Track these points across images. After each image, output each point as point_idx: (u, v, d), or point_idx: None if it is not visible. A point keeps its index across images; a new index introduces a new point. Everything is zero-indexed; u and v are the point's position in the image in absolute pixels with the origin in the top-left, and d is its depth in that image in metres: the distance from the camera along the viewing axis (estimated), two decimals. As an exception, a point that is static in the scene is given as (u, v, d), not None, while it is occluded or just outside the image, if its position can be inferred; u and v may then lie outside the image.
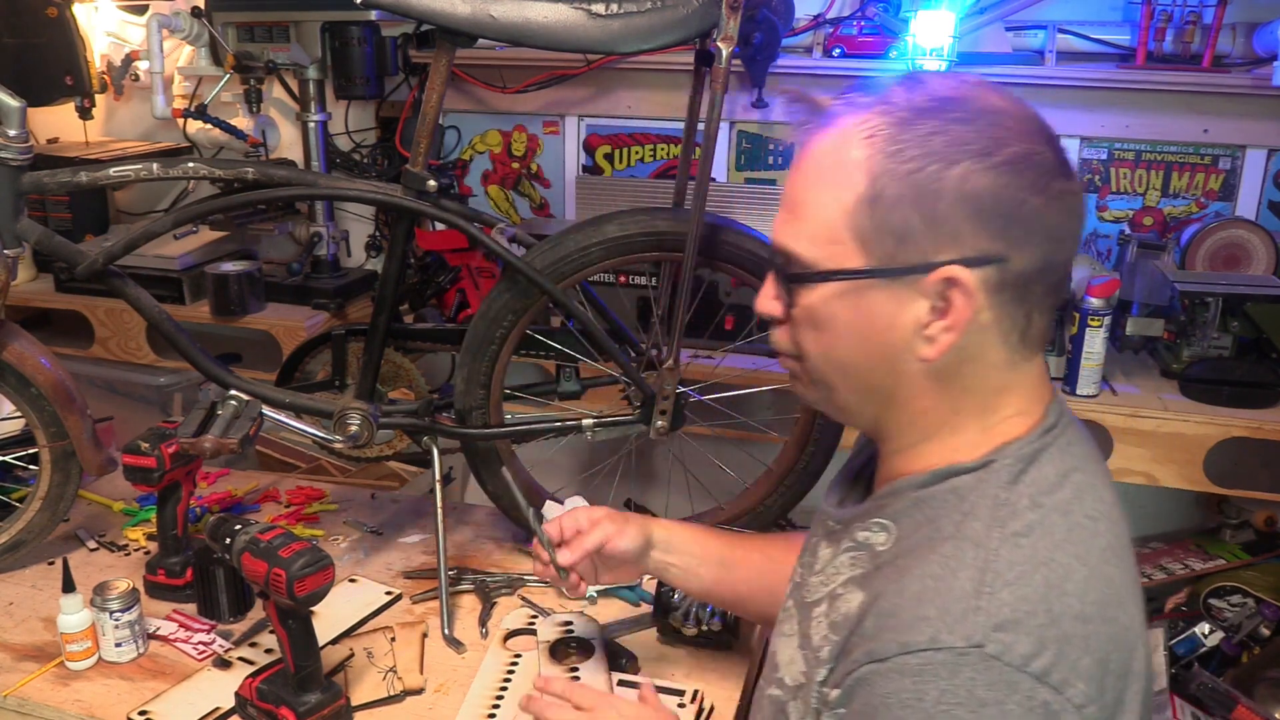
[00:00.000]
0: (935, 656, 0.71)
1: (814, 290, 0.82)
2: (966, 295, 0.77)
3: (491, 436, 1.57)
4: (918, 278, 0.78)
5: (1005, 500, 0.78)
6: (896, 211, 0.77)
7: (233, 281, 2.44)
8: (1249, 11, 2.13)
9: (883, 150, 0.77)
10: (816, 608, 0.87)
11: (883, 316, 0.80)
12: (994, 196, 0.75)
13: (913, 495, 0.84)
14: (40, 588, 1.55)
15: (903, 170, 0.76)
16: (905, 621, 0.74)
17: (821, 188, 0.80)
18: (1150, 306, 2.12)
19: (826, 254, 0.81)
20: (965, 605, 0.73)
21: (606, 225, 1.46)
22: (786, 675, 0.89)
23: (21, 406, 1.54)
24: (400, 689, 1.32)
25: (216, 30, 2.50)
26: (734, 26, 1.30)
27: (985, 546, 0.76)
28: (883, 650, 0.74)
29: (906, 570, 0.78)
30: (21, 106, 1.37)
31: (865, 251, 0.79)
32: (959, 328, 0.79)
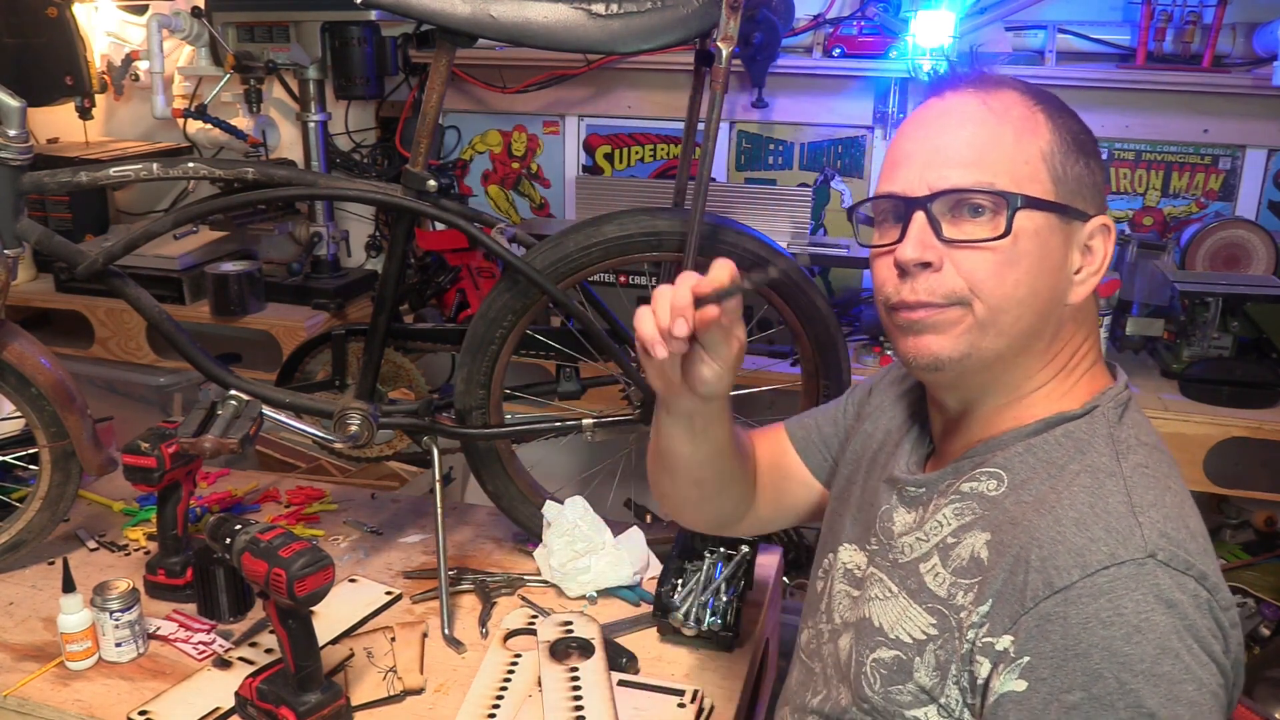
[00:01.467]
0: (1120, 571, 0.77)
1: (1028, 217, 0.87)
2: (1111, 238, 0.90)
3: (491, 436, 1.56)
4: (1081, 224, 0.89)
5: (1119, 438, 0.87)
6: (1074, 162, 0.88)
7: (233, 281, 2.44)
8: (1249, 11, 2.13)
9: (1051, 114, 0.89)
10: (924, 563, 0.91)
11: (1058, 255, 0.88)
12: (1102, 165, 0.92)
13: (1022, 444, 0.89)
14: (40, 588, 1.55)
15: (1075, 131, 0.90)
16: (1077, 545, 0.79)
17: (1016, 135, 0.88)
18: (1150, 306, 2.12)
19: (1029, 189, 0.87)
20: (1128, 523, 0.79)
21: (606, 225, 1.46)
22: (902, 633, 0.90)
23: (21, 406, 1.54)
24: (400, 689, 1.32)
25: (216, 30, 2.50)
26: (734, 26, 1.30)
27: (1120, 475, 0.83)
28: (1063, 579, 0.78)
29: (1049, 503, 0.83)
30: (21, 106, 1.37)
31: (1056, 192, 0.88)
32: (1103, 271, 0.90)
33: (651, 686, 1.33)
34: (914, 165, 0.90)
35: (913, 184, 0.89)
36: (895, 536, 0.96)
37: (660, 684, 1.33)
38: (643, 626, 1.47)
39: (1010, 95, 0.90)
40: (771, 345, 2.20)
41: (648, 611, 1.47)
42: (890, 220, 0.92)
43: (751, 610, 1.48)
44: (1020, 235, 0.86)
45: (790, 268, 1.47)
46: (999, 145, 0.88)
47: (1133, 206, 2.37)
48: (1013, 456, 0.89)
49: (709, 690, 1.33)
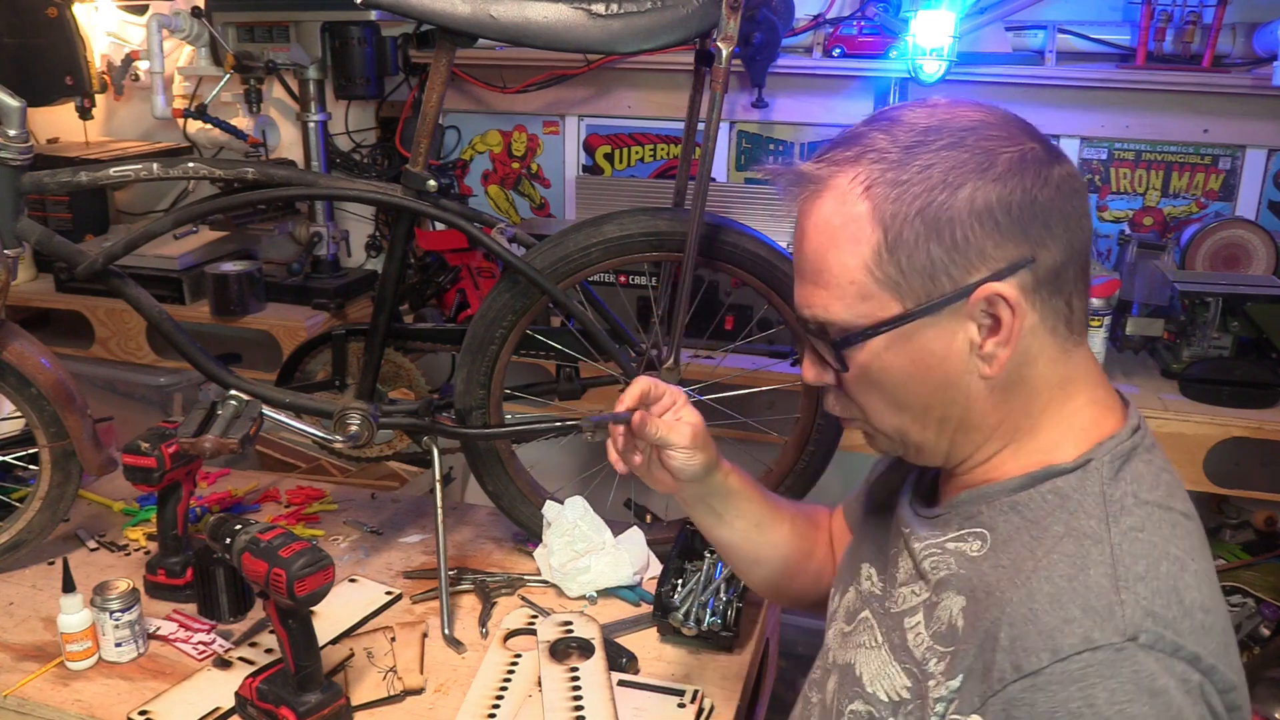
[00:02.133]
0: (1094, 657, 0.70)
1: (862, 349, 0.83)
2: (1010, 305, 0.79)
3: (491, 436, 1.56)
4: (959, 304, 0.80)
5: (1112, 497, 0.78)
6: (918, 250, 0.79)
7: (233, 281, 2.44)
8: (1249, 11, 2.13)
9: (885, 196, 0.79)
10: (909, 618, 0.86)
11: (936, 351, 0.82)
12: (1004, 205, 0.77)
13: (1007, 500, 0.83)
14: (40, 588, 1.55)
15: (911, 210, 0.78)
16: (1049, 627, 0.72)
17: (838, 250, 0.81)
18: (1150, 306, 2.12)
19: (863, 311, 0.82)
20: (1108, 600, 0.72)
21: (606, 225, 1.46)
22: (879, 690, 0.86)
23: (21, 406, 1.54)
24: (400, 689, 1.32)
25: (216, 30, 2.50)
26: (734, 26, 1.30)
27: (1107, 542, 0.75)
28: (1032, 663, 0.71)
29: (1027, 574, 0.76)
30: (21, 106, 1.37)
31: (899, 297, 0.80)
32: (1014, 338, 0.80)
33: (651, 686, 1.33)
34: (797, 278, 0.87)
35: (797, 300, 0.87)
36: (897, 585, 0.91)
37: (660, 684, 1.33)
38: (643, 626, 1.47)
39: (839, 191, 0.81)
40: (771, 345, 2.20)
41: (648, 611, 1.48)
42: None
43: (751, 610, 1.48)
44: (867, 363, 0.83)
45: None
46: (836, 266, 0.82)
47: (1133, 206, 2.37)
48: (997, 514, 0.83)
49: (709, 690, 1.33)
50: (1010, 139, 0.79)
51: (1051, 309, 0.81)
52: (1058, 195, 0.79)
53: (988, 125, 0.80)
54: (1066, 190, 0.80)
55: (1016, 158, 0.78)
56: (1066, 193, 0.80)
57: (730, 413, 1.68)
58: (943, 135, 0.79)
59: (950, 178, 0.78)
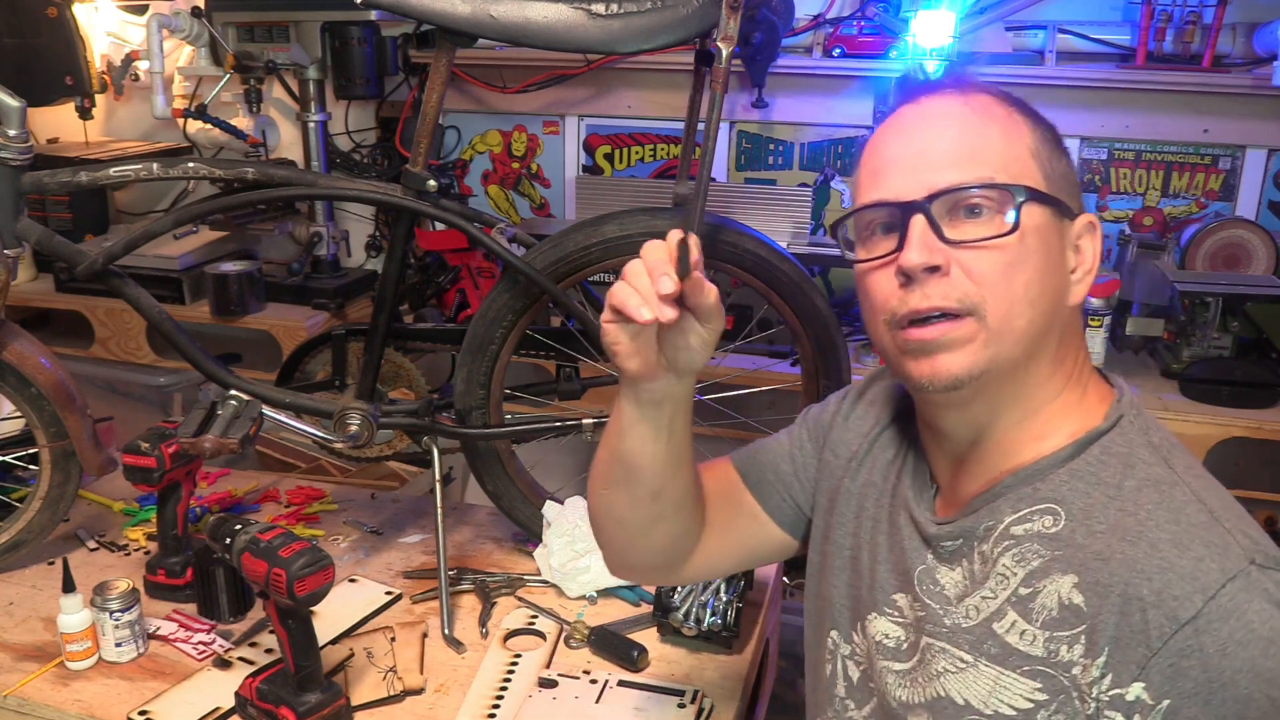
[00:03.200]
0: (1234, 585, 0.73)
1: (1034, 213, 0.83)
2: (1095, 239, 0.87)
3: (491, 436, 1.56)
4: (1069, 223, 0.86)
5: (1156, 444, 0.83)
6: (1058, 160, 0.86)
7: (233, 281, 2.44)
8: (1249, 11, 2.13)
9: (1030, 118, 0.87)
10: (997, 622, 0.82)
11: (1058, 253, 0.85)
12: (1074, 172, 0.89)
13: (1063, 471, 0.83)
14: (40, 588, 1.55)
15: (1048, 131, 0.87)
16: (1187, 570, 0.74)
17: (1003, 133, 0.85)
18: (1150, 306, 2.12)
19: (1027, 183, 0.84)
20: (1218, 532, 0.76)
21: (606, 225, 1.46)
22: (1001, 705, 0.81)
23: (21, 406, 1.54)
24: (400, 689, 1.32)
25: (216, 30, 2.50)
26: (734, 26, 1.29)
27: (1182, 483, 0.80)
28: (1187, 609, 0.73)
29: (1131, 529, 0.78)
30: (21, 106, 1.37)
31: (1049, 187, 0.85)
32: (1094, 270, 0.87)
33: (651, 687, 1.33)
34: (902, 169, 0.84)
35: (905, 188, 0.83)
36: (952, 601, 0.86)
37: (660, 684, 1.33)
38: (643, 626, 1.47)
39: (986, 97, 0.87)
40: (771, 345, 2.20)
41: (648, 611, 1.47)
42: (879, 232, 0.86)
43: (751, 610, 1.48)
44: (1026, 232, 0.81)
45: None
46: (989, 142, 0.84)
47: (1133, 206, 2.37)
48: (1059, 485, 0.82)
49: (709, 690, 1.33)
50: None
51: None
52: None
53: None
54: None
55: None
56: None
57: (730, 413, 1.68)
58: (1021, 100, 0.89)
59: (1055, 133, 0.88)
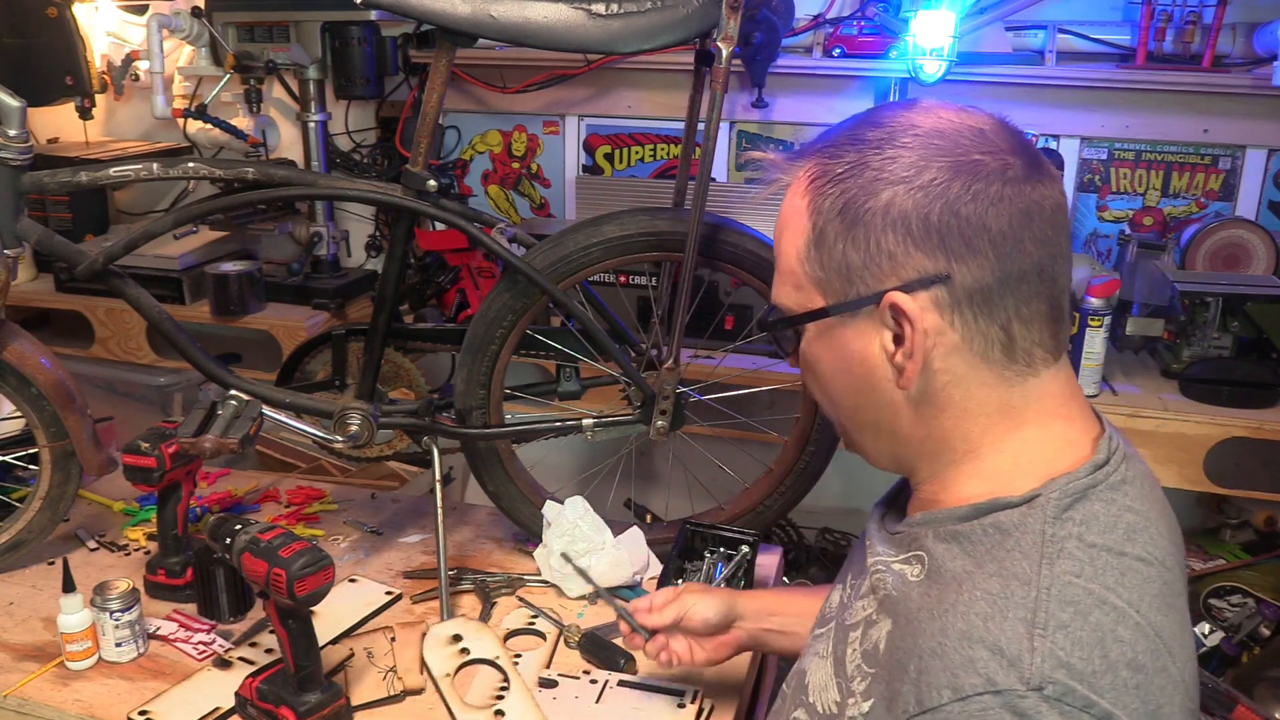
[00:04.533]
0: (994, 700, 0.67)
1: (800, 336, 0.86)
2: (912, 319, 0.77)
3: (491, 436, 1.56)
4: (872, 309, 0.79)
5: (1052, 537, 0.74)
6: (837, 248, 0.79)
7: (233, 281, 2.44)
8: (1249, 11, 2.13)
9: (820, 191, 0.79)
10: (853, 632, 0.85)
11: (855, 351, 0.82)
12: (922, 216, 0.75)
13: (951, 529, 0.80)
14: (40, 588, 1.55)
15: (835, 208, 0.78)
16: (955, 664, 0.70)
17: (784, 238, 0.84)
18: (1150, 306, 2.12)
19: (797, 300, 0.84)
20: (1020, 646, 0.69)
21: (606, 225, 1.46)
22: (818, 701, 0.86)
23: (21, 406, 1.54)
24: (400, 689, 1.32)
25: (216, 30, 2.50)
26: (734, 26, 1.30)
27: (1036, 585, 0.72)
28: (933, 698, 0.69)
29: (947, 608, 0.73)
30: (21, 106, 1.37)
31: (822, 292, 0.81)
32: (918, 352, 0.78)
33: (651, 686, 1.33)
34: None
35: None
36: (855, 598, 0.90)
37: (660, 684, 1.33)
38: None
39: (796, 181, 0.83)
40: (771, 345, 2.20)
41: (648, 611, 1.47)
42: None
43: (751, 610, 1.48)
44: (805, 350, 0.86)
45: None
46: (782, 254, 0.85)
47: (1133, 206, 2.37)
48: (938, 541, 0.80)
49: (709, 690, 1.33)
50: (959, 150, 0.76)
51: (979, 332, 0.77)
52: (993, 215, 0.74)
53: (942, 133, 0.77)
54: (1014, 212, 0.75)
55: (951, 167, 0.75)
56: (1012, 215, 0.75)
57: (730, 413, 1.68)
58: (896, 136, 0.77)
59: (871, 184, 0.77)
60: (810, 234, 0.80)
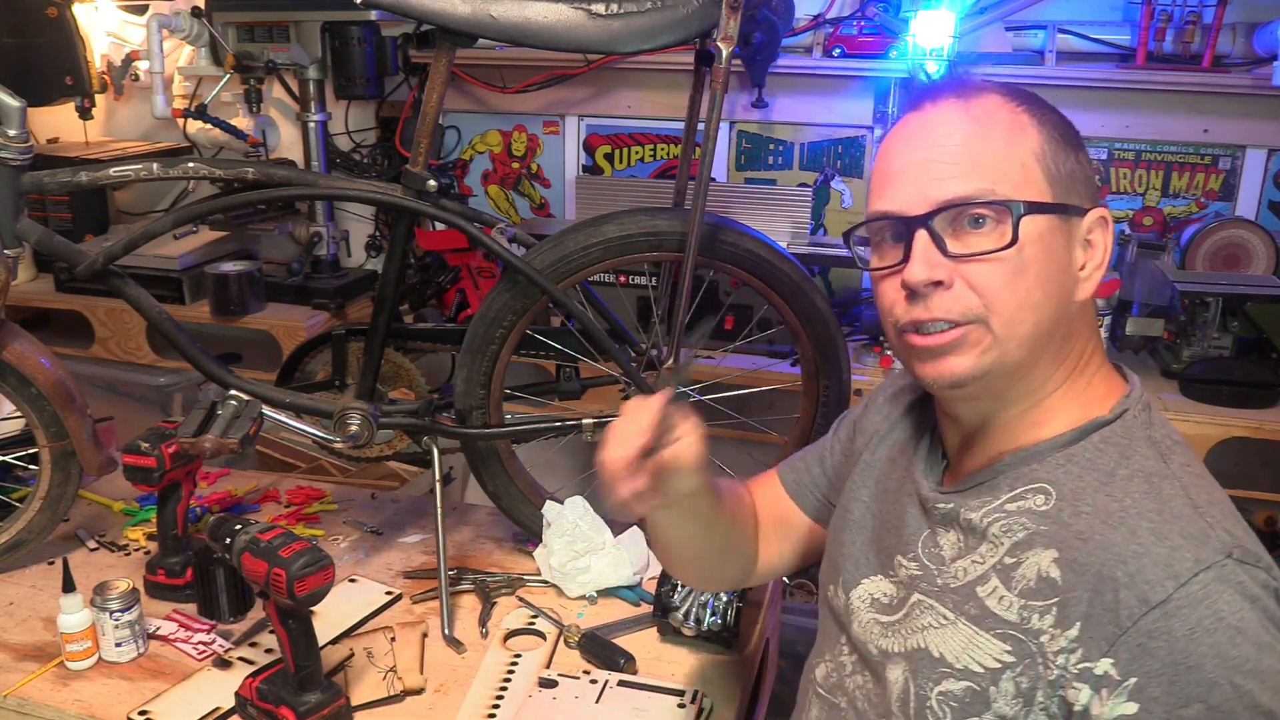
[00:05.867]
0: (1208, 575, 0.76)
1: (1033, 225, 0.85)
2: (1107, 233, 0.88)
3: (491, 436, 1.56)
4: (1079, 220, 0.88)
5: (1156, 439, 0.86)
6: (1064, 158, 0.87)
7: (233, 281, 2.44)
8: (1249, 11, 2.13)
9: (1037, 117, 0.88)
10: (981, 586, 0.87)
11: (1063, 255, 0.87)
12: (1090, 163, 0.90)
13: (1061, 454, 0.87)
14: (40, 588, 1.55)
15: (1056, 134, 0.88)
16: (1162, 557, 0.77)
17: (1004, 141, 0.86)
18: (1150, 306, 2.12)
19: (1031, 194, 0.86)
20: (1199, 525, 0.79)
21: (606, 225, 1.46)
22: (971, 662, 0.85)
23: (21, 406, 1.54)
24: (400, 689, 1.32)
25: (216, 30, 2.50)
26: (734, 26, 1.30)
27: (1172, 476, 0.83)
28: (1158, 592, 0.76)
29: (1115, 515, 0.81)
30: (21, 106, 1.37)
31: (1053, 192, 0.86)
32: (1105, 264, 0.89)
33: (651, 686, 1.33)
34: (906, 181, 0.87)
35: (909, 201, 0.86)
36: (947, 561, 0.91)
37: (660, 684, 1.33)
38: (643, 626, 1.47)
39: (991, 99, 0.88)
40: (771, 345, 2.20)
41: (648, 611, 1.47)
42: (889, 240, 0.90)
43: (751, 610, 1.48)
44: (1026, 242, 0.84)
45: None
46: (991, 151, 0.85)
47: (1133, 206, 2.37)
48: (1054, 467, 0.87)
49: (709, 690, 1.33)
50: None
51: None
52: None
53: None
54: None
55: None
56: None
57: (730, 413, 1.68)
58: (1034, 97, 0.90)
59: (1067, 127, 0.89)
60: (1040, 143, 0.86)
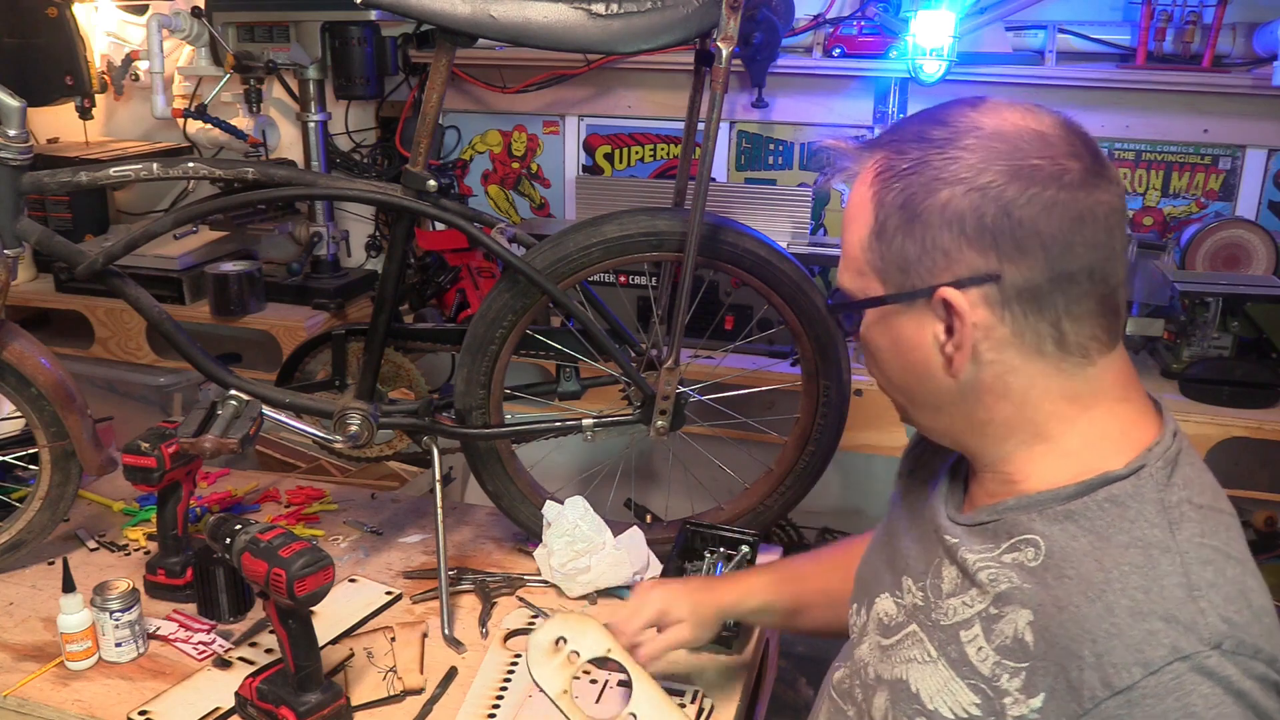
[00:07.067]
0: (1183, 666, 0.70)
1: (860, 320, 0.89)
2: (961, 315, 0.80)
3: (491, 436, 1.56)
4: (925, 300, 0.82)
5: (1170, 503, 0.78)
6: (896, 241, 0.82)
7: (233, 281, 2.44)
8: (1249, 11, 2.13)
9: (885, 184, 0.83)
10: (964, 630, 0.84)
11: (909, 339, 0.85)
12: (977, 216, 0.78)
13: (1061, 509, 0.81)
14: (40, 588, 1.55)
15: (897, 202, 0.82)
16: (1134, 640, 0.72)
17: (850, 227, 0.87)
18: (1150, 306, 2.12)
19: (858, 286, 0.87)
20: (1189, 610, 0.72)
21: (606, 225, 1.46)
22: (942, 707, 0.84)
23: (21, 406, 1.54)
24: (400, 689, 1.32)
25: (216, 30, 2.50)
26: (734, 26, 1.30)
27: (1176, 551, 0.75)
28: (1123, 678, 0.71)
29: (1100, 587, 0.75)
30: (21, 106, 1.37)
31: (882, 281, 0.84)
32: (965, 345, 0.81)
33: (651, 686, 1.33)
34: None
35: None
36: (943, 596, 0.88)
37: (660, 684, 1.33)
38: (643, 626, 1.47)
39: (864, 173, 0.86)
40: (771, 345, 2.20)
41: (648, 611, 1.47)
42: None
43: (751, 610, 1.48)
44: (865, 330, 0.89)
45: None
46: (846, 241, 0.88)
47: (1133, 206, 2.37)
48: (1051, 522, 0.81)
49: (709, 690, 1.33)
50: (1018, 153, 0.78)
51: (1030, 327, 0.80)
52: (1045, 219, 0.76)
53: (1003, 136, 0.79)
54: (1067, 217, 0.77)
55: (1009, 170, 0.77)
56: (1066, 220, 0.77)
57: (730, 413, 1.68)
58: (959, 136, 0.80)
59: (931, 181, 0.79)
60: (873, 225, 0.83)
